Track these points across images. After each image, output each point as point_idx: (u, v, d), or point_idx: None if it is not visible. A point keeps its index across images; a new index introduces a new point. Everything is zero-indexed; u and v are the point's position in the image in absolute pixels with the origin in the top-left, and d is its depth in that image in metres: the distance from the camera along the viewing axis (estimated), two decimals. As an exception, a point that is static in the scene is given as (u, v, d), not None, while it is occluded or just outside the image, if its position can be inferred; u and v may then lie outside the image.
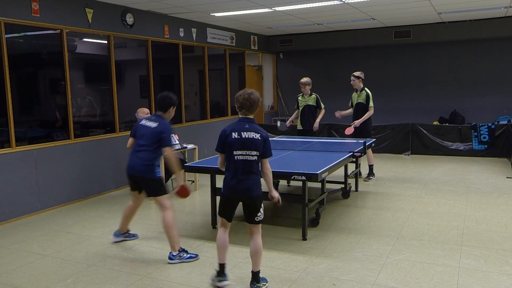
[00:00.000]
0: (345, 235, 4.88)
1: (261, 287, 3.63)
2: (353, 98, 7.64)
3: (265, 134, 3.57)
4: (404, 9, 8.57)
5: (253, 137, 3.52)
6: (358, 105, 7.50)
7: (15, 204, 5.82)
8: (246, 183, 3.53)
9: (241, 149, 3.52)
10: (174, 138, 6.80)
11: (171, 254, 4.28)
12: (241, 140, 3.51)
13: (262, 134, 3.54)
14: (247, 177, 3.53)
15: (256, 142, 3.51)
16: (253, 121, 3.62)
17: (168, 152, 4.28)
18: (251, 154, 3.52)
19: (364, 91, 7.44)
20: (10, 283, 3.92)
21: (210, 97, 10.07)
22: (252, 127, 3.56)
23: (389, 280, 3.75)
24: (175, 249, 4.29)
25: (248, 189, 3.53)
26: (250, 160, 3.53)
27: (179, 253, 4.29)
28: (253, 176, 3.55)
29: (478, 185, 7.02)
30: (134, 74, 8.44)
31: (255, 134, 3.53)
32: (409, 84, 11.58)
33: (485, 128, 9.32)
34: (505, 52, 10.56)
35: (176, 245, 4.30)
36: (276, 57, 13.19)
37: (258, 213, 3.57)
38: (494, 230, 4.92)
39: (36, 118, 6.59)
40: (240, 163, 3.53)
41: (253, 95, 3.57)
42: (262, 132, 3.56)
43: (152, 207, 6.28)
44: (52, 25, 6.31)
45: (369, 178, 7.52)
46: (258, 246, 3.59)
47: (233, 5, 7.74)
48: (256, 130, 3.56)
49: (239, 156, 3.53)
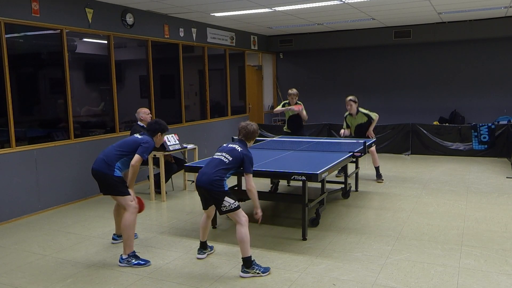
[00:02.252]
0: (345, 235, 4.88)
1: (249, 272, 3.90)
2: (349, 121, 7.59)
3: (246, 152, 4.06)
4: (404, 9, 8.57)
5: (234, 147, 4.08)
6: (360, 126, 7.50)
7: (15, 204, 5.82)
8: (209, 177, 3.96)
9: (220, 152, 4.14)
10: (174, 138, 6.80)
11: (121, 257, 4.26)
12: (225, 148, 4.16)
13: (243, 151, 4.05)
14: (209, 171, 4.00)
15: (234, 152, 4.05)
16: (244, 143, 4.18)
17: (135, 159, 4.22)
18: (224, 156, 4.05)
19: (361, 113, 7.43)
20: (10, 283, 3.92)
21: (210, 97, 10.07)
22: (240, 144, 4.13)
23: (389, 280, 3.75)
24: (125, 252, 4.24)
25: (209, 183, 3.93)
26: (221, 160, 4.04)
27: (128, 257, 4.22)
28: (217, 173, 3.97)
29: (478, 185, 7.02)
30: (134, 74, 8.44)
31: (238, 147, 4.08)
32: (409, 84, 11.57)
33: (485, 128, 9.32)
34: (505, 52, 10.56)
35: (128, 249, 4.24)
36: (276, 57, 13.19)
37: (222, 205, 3.91)
38: (494, 230, 4.92)
39: (36, 118, 6.59)
40: (214, 160, 4.08)
41: (250, 127, 4.20)
42: (244, 150, 4.07)
43: (152, 207, 6.29)
44: (52, 25, 6.31)
45: (381, 179, 7.49)
46: (239, 235, 3.91)
47: (233, 5, 7.73)
48: (240, 146, 4.10)
49: (216, 155, 4.13)
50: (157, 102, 8.36)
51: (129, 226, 4.22)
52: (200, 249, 4.39)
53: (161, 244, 4.75)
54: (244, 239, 3.88)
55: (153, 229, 5.28)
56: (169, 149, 6.57)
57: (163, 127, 4.54)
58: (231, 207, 3.91)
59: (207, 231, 4.38)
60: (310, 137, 8.03)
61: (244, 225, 3.91)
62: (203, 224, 4.36)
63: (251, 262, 3.92)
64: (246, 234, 3.89)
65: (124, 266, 4.19)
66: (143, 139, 4.38)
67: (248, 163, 4.03)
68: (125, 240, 4.24)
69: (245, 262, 3.91)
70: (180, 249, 4.62)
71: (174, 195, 6.95)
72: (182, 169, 6.72)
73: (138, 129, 6.76)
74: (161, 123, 4.57)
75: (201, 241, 4.38)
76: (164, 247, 4.64)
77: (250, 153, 4.11)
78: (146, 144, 4.32)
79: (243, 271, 3.91)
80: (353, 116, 7.50)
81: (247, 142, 4.22)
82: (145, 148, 4.30)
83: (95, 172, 4.32)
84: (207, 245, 4.42)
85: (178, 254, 4.48)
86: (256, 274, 3.89)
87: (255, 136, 4.25)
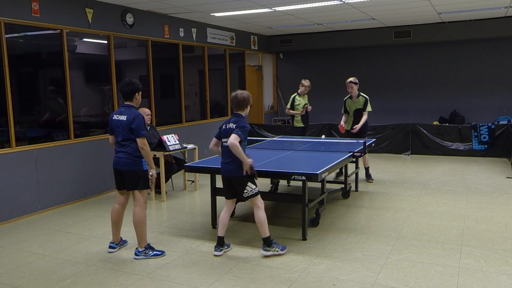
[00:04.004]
0: (345, 235, 4.88)
1: (270, 249, 4.26)
2: (348, 105, 7.43)
3: (240, 125, 4.14)
4: (404, 9, 8.58)
5: (229, 127, 4.21)
6: (357, 111, 7.36)
7: (15, 204, 5.82)
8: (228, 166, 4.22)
9: (225, 137, 4.23)
10: (174, 138, 6.80)
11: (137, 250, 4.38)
12: (224, 131, 4.26)
13: (237, 126, 4.15)
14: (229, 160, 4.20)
15: (230, 132, 4.15)
16: (239, 115, 4.28)
17: (140, 143, 4.20)
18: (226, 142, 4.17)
19: (362, 97, 7.30)
20: (10, 283, 3.92)
21: (210, 97, 10.08)
22: (234, 119, 4.25)
23: (389, 280, 3.75)
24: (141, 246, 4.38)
25: (229, 170, 4.21)
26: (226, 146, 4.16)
27: (145, 249, 4.38)
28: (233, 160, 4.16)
29: (478, 185, 7.02)
30: (134, 74, 8.44)
31: (232, 125, 4.20)
32: (409, 84, 11.57)
33: (485, 128, 9.32)
34: (505, 52, 10.56)
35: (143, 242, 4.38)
36: (276, 57, 13.20)
37: (245, 191, 4.18)
38: (494, 230, 4.92)
39: (36, 118, 6.59)
40: (225, 148, 4.23)
41: (240, 95, 4.27)
42: (239, 123, 4.17)
43: (152, 207, 6.28)
44: (52, 25, 6.31)
45: (371, 179, 7.49)
46: (257, 218, 4.24)
47: (233, 5, 7.74)
48: (235, 121, 4.21)
49: (224, 142, 4.26)
50: (157, 102, 8.37)
51: (143, 221, 4.35)
52: (217, 245, 4.39)
53: (161, 244, 4.75)
54: (263, 221, 4.22)
55: (153, 229, 5.28)
56: (169, 149, 6.57)
57: (137, 86, 4.34)
58: (253, 193, 4.20)
59: (226, 225, 4.39)
60: (310, 137, 8.04)
61: (261, 209, 4.24)
62: (222, 217, 4.38)
63: (271, 241, 4.27)
64: (264, 217, 4.24)
65: (142, 258, 4.32)
66: (129, 118, 4.22)
67: (238, 129, 4.10)
68: (140, 235, 4.34)
69: (265, 241, 4.27)
70: (180, 249, 4.62)
71: (174, 195, 6.95)
72: (182, 169, 6.72)
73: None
74: (134, 82, 4.34)
75: (219, 236, 4.37)
76: (164, 247, 4.63)
77: (245, 124, 4.19)
78: (137, 120, 4.20)
79: (264, 249, 4.27)
80: (353, 100, 7.33)
81: (241, 112, 4.28)
82: (137, 128, 4.19)
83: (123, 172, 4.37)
84: (224, 241, 4.42)
85: (178, 254, 4.48)
86: (276, 252, 4.27)
87: (247, 103, 4.29)
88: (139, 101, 4.43)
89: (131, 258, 4.39)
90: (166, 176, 6.76)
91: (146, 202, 4.42)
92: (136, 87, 4.35)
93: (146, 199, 4.42)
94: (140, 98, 4.43)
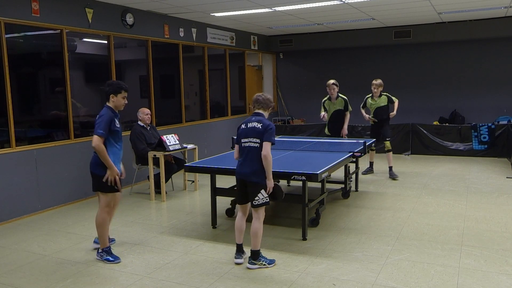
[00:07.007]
0: (345, 235, 4.88)
1: (256, 263, 4.05)
2: (327, 106, 7.46)
3: (267, 124, 3.99)
4: (404, 9, 8.57)
5: (255, 126, 4.02)
6: (336, 112, 7.41)
7: (15, 204, 5.82)
8: (251, 168, 4.00)
9: (246, 137, 4.05)
10: (174, 138, 6.80)
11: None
12: (248, 131, 4.05)
13: (263, 125, 3.99)
14: (250, 163, 4.00)
15: (256, 130, 3.99)
16: (262, 115, 4.14)
17: (93, 141, 4.12)
18: (254, 142, 4.00)
19: (341, 98, 7.37)
20: (10, 283, 3.92)
21: (210, 97, 10.07)
22: (257, 119, 4.08)
23: (389, 280, 3.75)
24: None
25: (251, 173, 3.99)
26: (253, 147, 4.00)
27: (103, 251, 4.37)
28: (254, 163, 3.98)
29: (478, 185, 7.02)
30: (134, 74, 8.44)
31: (257, 124, 4.02)
32: (409, 84, 11.57)
33: (485, 128, 9.32)
34: (505, 52, 10.56)
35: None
36: (276, 57, 13.19)
37: (256, 198, 3.98)
38: (494, 230, 4.92)
39: (36, 118, 6.59)
40: (245, 149, 4.04)
41: (263, 96, 4.21)
42: (264, 123, 4.00)
43: (152, 207, 6.28)
44: (52, 25, 6.31)
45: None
46: (254, 229, 4.03)
47: (233, 5, 7.73)
48: (260, 121, 4.04)
49: (245, 142, 4.06)
50: (157, 102, 8.36)
51: (100, 223, 4.35)
52: (238, 252, 4.21)
53: (161, 244, 4.75)
54: (258, 234, 4.04)
55: (153, 229, 5.28)
56: (169, 149, 6.57)
57: (114, 88, 4.28)
58: (264, 201, 4.02)
59: (243, 232, 4.19)
60: (310, 137, 8.04)
61: (261, 221, 4.07)
62: (238, 224, 4.19)
63: (258, 255, 4.08)
64: (261, 229, 4.06)
65: (98, 259, 4.34)
66: (97, 117, 4.19)
67: (269, 134, 3.95)
68: (98, 236, 4.39)
69: (253, 254, 4.06)
70: (180, 249, 4.62)
71: (174, 195, 6.95)
72: (182, 169, 6.72)
73: (138, 129, 6.78)
74: (111, 83, 4.33)
75: (238, 243, 4.21)
76: (164, 247, 4.64)
77: (271, 123, 4.03)
78: (99, 119, 4.18)
79: (250, 262, 4.07)
80: (332, 101, 7.41)
81: (264, 112, 4.16)
82: (97, 124, 4.13)
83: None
84: (243, 248, 4.23)
85: (178, 254, 4.48)
86: (263, 266, 4.06)
87: (270, 103, 4.21)
88: (117, 103, 4.33)
89: (130, 258, 4.39)
90: (166, 176, 6.76)
91: (109, 205, 4.33)
92: (109, 90, 4.29)
93: (109, 202, 4.32)
94: (118, 100, 4.32)
